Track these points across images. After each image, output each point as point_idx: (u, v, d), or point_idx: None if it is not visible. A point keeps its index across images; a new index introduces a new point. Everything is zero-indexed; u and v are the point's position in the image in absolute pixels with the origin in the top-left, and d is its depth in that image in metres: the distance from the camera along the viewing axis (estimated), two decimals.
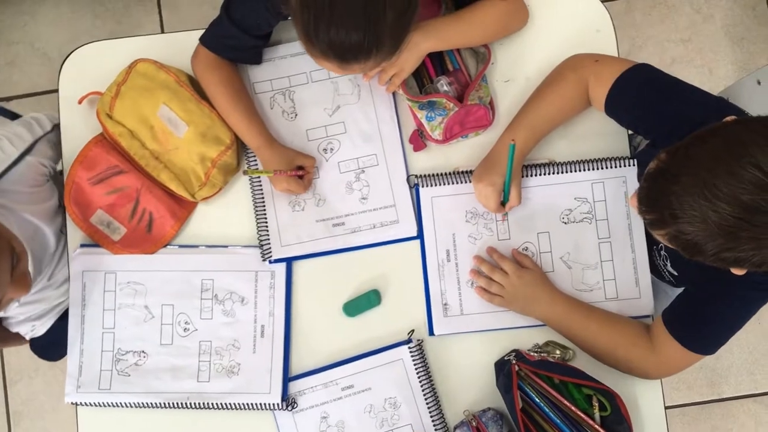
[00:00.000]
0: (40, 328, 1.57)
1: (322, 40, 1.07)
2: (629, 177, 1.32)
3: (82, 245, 1.37)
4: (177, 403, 1.31)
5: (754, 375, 2.21)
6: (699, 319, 1.19)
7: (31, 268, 1.26)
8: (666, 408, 1.32)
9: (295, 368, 1.34)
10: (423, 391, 1.31)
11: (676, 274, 1.28)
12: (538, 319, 1.31)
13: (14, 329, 1.51)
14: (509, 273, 1.30)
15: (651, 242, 1.32)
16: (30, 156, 1.31)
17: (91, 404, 1.33)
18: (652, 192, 0.97)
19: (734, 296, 1.14)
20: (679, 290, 1.28)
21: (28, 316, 1.53)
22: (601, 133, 1.35)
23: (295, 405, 1.31)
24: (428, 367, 1.32)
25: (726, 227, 0.88)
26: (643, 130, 1.26)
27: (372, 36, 1.06)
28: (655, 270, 1.33)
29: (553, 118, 1.29)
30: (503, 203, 1.30)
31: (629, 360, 1.25)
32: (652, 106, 1.19)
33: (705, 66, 2.30)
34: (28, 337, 1.57)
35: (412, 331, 1.33)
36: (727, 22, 2.32)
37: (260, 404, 1.31)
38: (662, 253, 1.30)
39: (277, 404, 1.30)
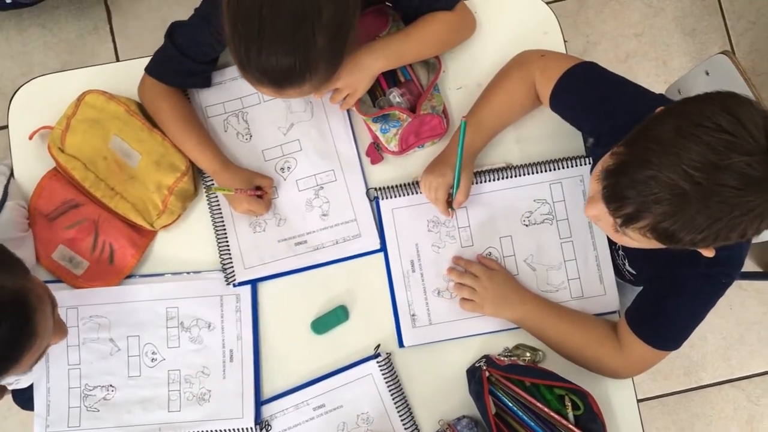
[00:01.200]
0: (24, 381, 1.55)
1: (255, 66, 1.07)
2: (586, 175, 1.33)
3: (43, 282, 1.35)
4: None
5: (730, 360, 2.23)
6: (660, 316, 1.20)
7: None
8: (641, 401, 1.34)
9: (267, 391, 1.33)
10: (395, 403, 1.30)
11: (634, 272, 1.29)
12: (510, 320, 1.31)
13: None
14: (479, 276, 1.30)
15: (609, 242, 1.33)
16: (8, 201, 1.30)
17: None
18: (620, 186, 0.95)
19: (691, 291, 1.15)
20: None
21: None
22: (555, 134, 1.36)
23: (270, 428, 1.30)
24: (398, 380, 1.32)
25: (710, 196, 0.88)
26: (586, 127, 1.27)
27: (303, 61, 1.06)
28: (616, 270, 1.34)
29: (502, 114, 1.30)
30: (451, 202, 1.30)
31: (598, 360, 1.26)
32: (595, 104, 1.20)
33: (659, 59, 2.33)
34: (10, 388, 1.54)
35: (379, 345, 1.32)
36: (678, 14, 2.35)
37: (233, 430, 1.29)
38: (620, 252, 1.31)
39: (251, 428, 1.29)
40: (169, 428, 1.30)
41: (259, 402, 1.31)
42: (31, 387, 1.51)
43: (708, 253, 1.00)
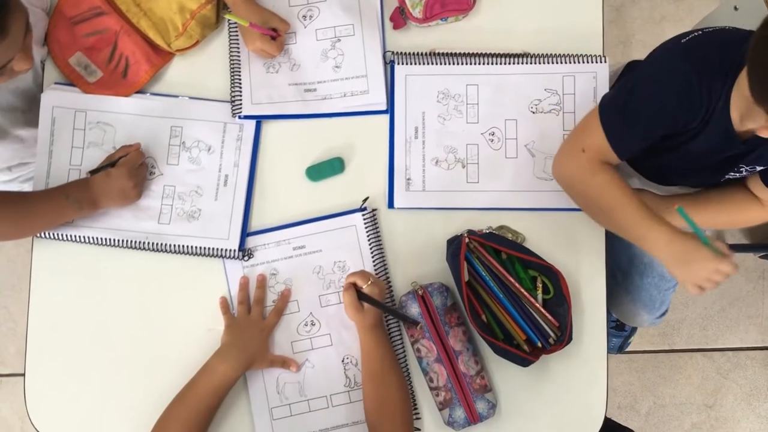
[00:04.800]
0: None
1: None
2: (600, 73, 1.35)
3: (56, 83, 1.38)
4: (136, 242, 1.33)
5: (706, 330, 2.25)
6: None
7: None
8: (618, 351, 1.35)
9: (253, 225, 1.36)
10: (373, 258, 1.33)
11: None
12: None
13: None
14: None
15: (728, 164, 1.25)
16: None
17: (51, 237, 1.34)
18: None
19: None
20: None
21: (16, 177, 1.54)
22: (576, 29, 1.37)
23: (251, 255, 1.33)
24: (380, 237, 1.34)
25: None
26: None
27: None
28: None
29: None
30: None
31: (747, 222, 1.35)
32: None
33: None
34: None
35: (367, 198, 1.34)
36: None
37: (217, 249, 1.32)
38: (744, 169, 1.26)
39: (234, 251, 1.32)
40: (156, 238, 1.33)
41: (246, 230, 1.34)
42: None
43: None
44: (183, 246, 1.33)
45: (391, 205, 1.35)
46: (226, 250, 1.32)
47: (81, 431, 1.33)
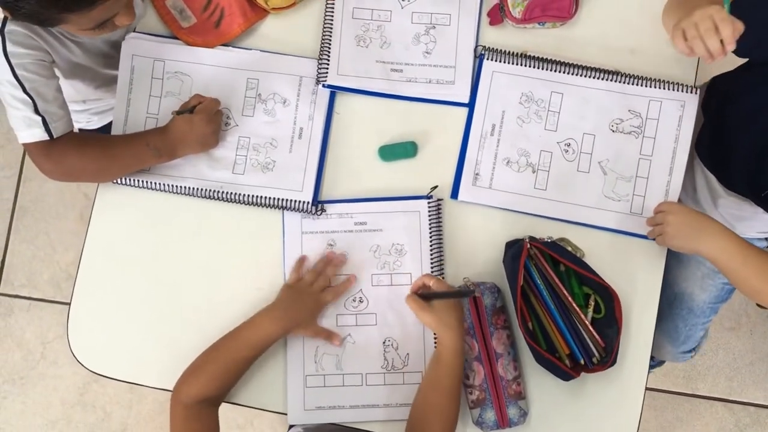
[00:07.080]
0: (97, 123, 1.61)
1: None
2: (688, 102, 1.33)
3: (137, 32, 1.39)
4: (210, 191, 1.33)
5: (732, 381, 2.22)
6: None
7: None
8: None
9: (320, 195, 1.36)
10: (431, 247, 1.33)
11: None
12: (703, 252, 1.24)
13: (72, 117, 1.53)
14: (666, 209, 1.28)
15: (759, 189, 1.27)
16: None
17: (127, 183, 1.36)
18: None
19: None
20: None
21: (88, 108, 1.56)
22: (671, 57, 1.36)
23: (324, 210, 1.33)
24: (441, 227, 1.34)
25: None
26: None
27: None
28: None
29: None
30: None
31: None
32: None
33: None
34: (78, 127, 1.61)
35: (435, 186, 1.34)
36: None
37: (291, 201, 1.33)
38: None
39: (308, 203, 1.33)
40: (230, 188, 1.34)
41: (319, 184, 1.35)
42: (98, 130, 1.59)
43: None
44: (256, 197, 1.33)
45: (454, 196, 1.35)
46: (299, 202, 1.33)
47: (118, 363, 1.35)
